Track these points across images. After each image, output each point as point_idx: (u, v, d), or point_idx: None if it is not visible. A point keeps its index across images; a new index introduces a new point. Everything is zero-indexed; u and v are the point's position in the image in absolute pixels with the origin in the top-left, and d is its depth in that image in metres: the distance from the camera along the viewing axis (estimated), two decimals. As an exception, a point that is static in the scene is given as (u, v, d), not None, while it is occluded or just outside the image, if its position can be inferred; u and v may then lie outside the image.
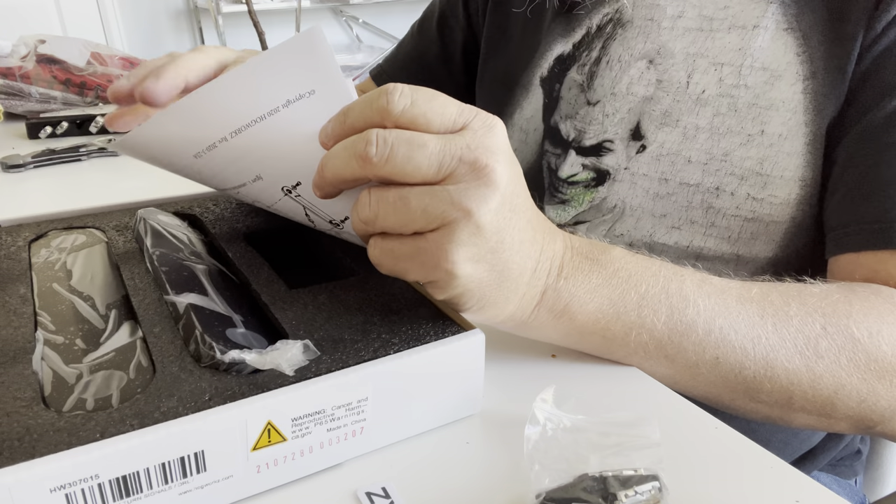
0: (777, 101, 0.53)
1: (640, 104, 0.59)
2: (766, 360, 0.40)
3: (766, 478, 0.35)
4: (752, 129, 0.54)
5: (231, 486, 0.33)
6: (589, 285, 0.40)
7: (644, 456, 0.34)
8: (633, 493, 0.31)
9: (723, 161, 0.55)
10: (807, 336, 0.40)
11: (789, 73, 0.52)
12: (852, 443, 0.66)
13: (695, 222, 0.56)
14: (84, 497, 0.29)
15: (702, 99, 0.56)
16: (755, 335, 0.40)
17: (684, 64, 0.57)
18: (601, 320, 0.40)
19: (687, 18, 0.57)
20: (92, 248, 0.49)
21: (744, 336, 0.40)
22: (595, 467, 0.33)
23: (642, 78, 0.59)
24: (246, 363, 0.34)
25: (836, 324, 0.40)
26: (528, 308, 0.40)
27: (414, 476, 0.35)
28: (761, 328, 0.40)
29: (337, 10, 3.12)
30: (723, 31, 0.55)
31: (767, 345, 0.40)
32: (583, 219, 0.63)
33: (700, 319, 0.40)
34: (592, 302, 0.40)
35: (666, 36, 0.58)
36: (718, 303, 0.40)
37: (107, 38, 2.55)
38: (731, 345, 0.40)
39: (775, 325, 0.40)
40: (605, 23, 0.62)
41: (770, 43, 0.53)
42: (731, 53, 0.55)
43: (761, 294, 0.41)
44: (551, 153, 0.65)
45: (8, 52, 1.15)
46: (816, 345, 0.40)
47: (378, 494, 0.34)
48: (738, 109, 0.54)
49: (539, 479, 0.33)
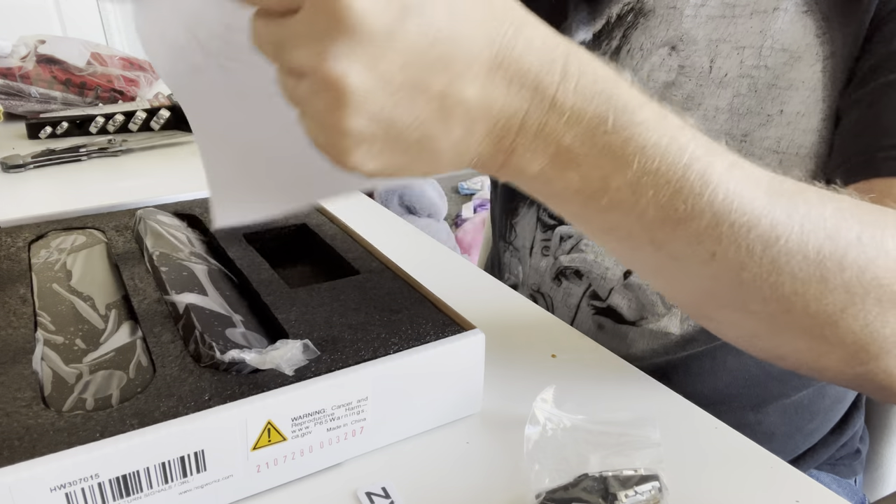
0: (797, 81, 0.53)
1: (662, 90, 0.60)
2: (774, 264, 0.35)
3: (766, 478, 0.35)
4: (772, 110, 0.54)
5: (231, 485, 0.33)
6: (581, 149, 0.32)
7: (644, 456, 0.34)
8: (633, 493, 0.31)
9: (742, 142, 0.55)
10: (836, 244, 0.35)
11: (809, 54, 0.53)
12: (852, 441, 0.66)
13: None
14: (84, 496, 0.29)
15: (724, 82, 0.57)
16: (773, 236, 0.34)
17: (707, 50, 0.58)
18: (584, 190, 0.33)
19: (710, 6, 0.58)
20: (92, 248, 0.49)
21: (757, 236, 0.34)
22: (595, 467, 0.33)
23: (664, 64, 0.60)
24: (246, 363, 0.34)
25: (872, 234, 0.36)
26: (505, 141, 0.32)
27: (414, 476, 0.35)
28: (784, 227, 0.34)
29: (337, 10, 3.12)
30: (745, 17, 0.56)
31: (783, 248, 0.34)
32: None
33: (711, 210, 0.34)
34: (580, 168, 0.33)
35: (689, 24, 0.59)
36: (743, 193, 0.34)
37: (107, 38, 2.54)
38: (735, 243, 0.34)
39: (802, 227, 0.35)
40: (625, 12, 0.63)
41: (789, 25, 0.54)
42: (753, 36, 0.56)
43: (796, 190, 0.36)
44: None
45: (8, 52, 1.15)
46: (844, 256, 0.35)
47: (378, 494, 0.34)
48: (758, 90, 0.55)
49: (539, 478, 0.33)
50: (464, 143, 0.31)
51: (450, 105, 0.30)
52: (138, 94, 1.14)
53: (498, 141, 0.32)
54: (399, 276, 0.45)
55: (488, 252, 0.96)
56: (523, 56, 0.31)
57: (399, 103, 0.29)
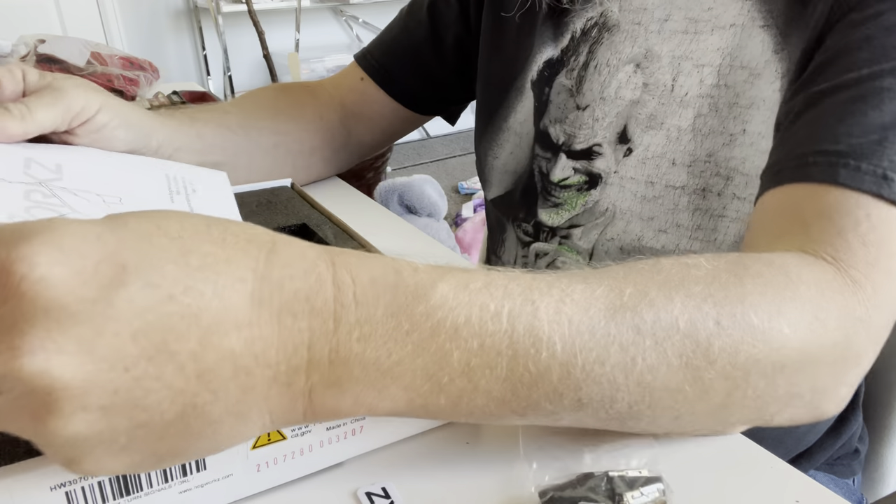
0: (758, 99, 0.53)
1: (628, 108, 0.59)
2: (642, 384, 0.32)
3: (766, 478, 0.35)
4: (735, 129, 0.53)
5: (231, 484, 0.33)
6: (385, 364, 0.28)
7: (640, 455, 0.34)
8: (639, 495, 0.31)
9: (707, 162, 0.55)
10: (696, 340, 0.33)
11: (768, 71, 0.52)
12: (850, 442, 0.66)
13: (681, 225, 0.57)
14: (84, 495, 0.29)
15: (685, 101, 0.56)
16: (629, 359, 0.32)
17: (670, 67, 0.57)
18: (416, 400, 0.29)
19: (673, 21, 0.57)
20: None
21: (613, 365, 0.32)
22: (590, 465, 0.34)
23: (630, 81, 0.59)
24: (246, 362, 0.34)
25: (731, 312, 0.34)
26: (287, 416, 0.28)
27: (414, 476, 0.35)
28: (637, 347, 0.32)
29: (337, 9, 3.12)
30: (706, 33, 0.55)
31: (644, 367, 0.32)
32: (577, 222, 0.63)
33: (555, 363, 0.31)
34: (397, 383, 0.29)
35: (653, 39, 0.58)
36: (582, 328, 0.31)
37: (107, 37, 2.55)
38: (597, 382, 0.32)
39: (655, 337, 0.32)
40: (589, 27, 0.62)
41: (747, 41, 0.53)
42: (711, 54, 0.55)
43: (637, 295, 0.33)
44: (542, 157, 0.65)
45: (8, 51, 1.15)
46: (708, 348, 0.33)
47: (378, 494, 0.34)
48: (720, 109, 0.54)
49: (538, 476, 0.33)
50: (244, 404, 0.26)
51: (211, 365, 0.25)
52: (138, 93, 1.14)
53: (289, 387, 0.27)
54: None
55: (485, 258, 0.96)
56: (285, 281, 0.26)
57: (140, 380, 0.23)
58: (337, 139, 0.75)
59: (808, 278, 0.36)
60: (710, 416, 0.36)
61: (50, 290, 0.22)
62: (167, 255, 0.25)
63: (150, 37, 2.72)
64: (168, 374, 0.24)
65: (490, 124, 0.70)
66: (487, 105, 0.71)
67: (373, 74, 0.76)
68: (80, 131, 0.51)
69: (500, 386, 0.30)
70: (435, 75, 0.76)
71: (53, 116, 0.49)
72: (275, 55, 2.70)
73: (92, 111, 0.51)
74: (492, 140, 0.70)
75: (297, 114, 0.72)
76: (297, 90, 0.75)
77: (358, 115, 0.77)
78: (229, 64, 2.76)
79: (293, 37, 2.95)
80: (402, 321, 0.28)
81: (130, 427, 0.24)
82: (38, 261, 0.22)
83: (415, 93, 0.77)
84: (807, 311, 0.35)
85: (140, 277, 0.24)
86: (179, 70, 2.80)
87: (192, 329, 0.24)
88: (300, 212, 0.56)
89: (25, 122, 0.47)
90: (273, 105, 0.71)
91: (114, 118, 0.53)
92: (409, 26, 0.76)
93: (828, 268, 0.37)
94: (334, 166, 0.77)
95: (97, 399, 0.23)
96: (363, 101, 0.77)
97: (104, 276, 0.23)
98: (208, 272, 0.25)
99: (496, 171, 0.70)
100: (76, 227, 0.24)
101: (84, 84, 0.52)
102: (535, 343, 0.30)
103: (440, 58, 0.75)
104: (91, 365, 0.23)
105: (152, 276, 0.24)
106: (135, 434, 0.24)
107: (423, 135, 3.49)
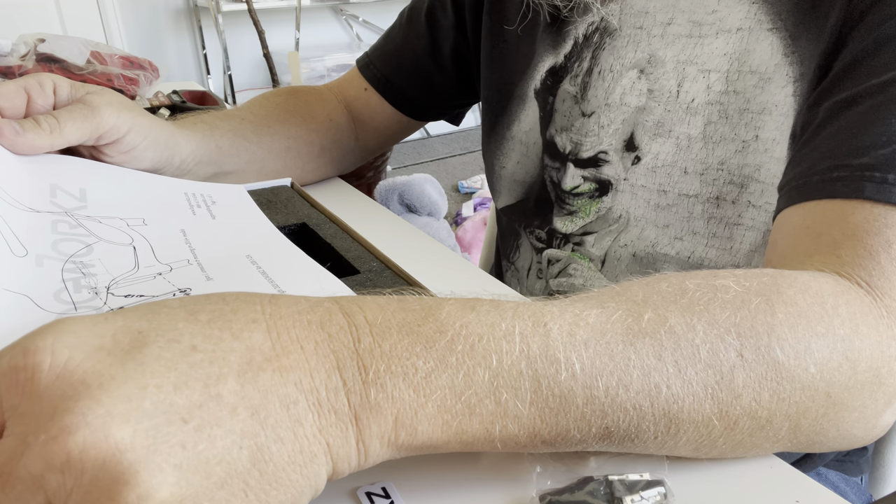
0: (769, 104, 0.51)
1: (634, 115, 0.58)
2: (669, 414, 0.31)
3: (766, 478, 0.35)
4: (747, 136, 0.52)
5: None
6: (414, 380, 0.28)
7: (646, 461, 0.34)
8: (639, 499, 0.31)
9: (719, 170, 0.54)
10: (719, 371, 0.31)
11: (779, 75, 0.51)
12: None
13: (697, 233, 0.56)
14: None
15: (692, 108, 0.55)
16: (652, 385, 0.30)
17: (675, 72, 0.56)
18: (451, 423, 0.29)
19: (677, 25, 0.56)
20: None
21: (637, 391, 0.30)
22: (594, 469, 0.33)
23: (634, 88, 0.58)
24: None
25: (756, 346, 0.32)
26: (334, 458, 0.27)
27: (414, 476, 0.35)
28: (660, 373, 0.31)
29: (337, 8, 3.12)
30: (711, 37, 0.54)
31: (669, 395, 0.31)
32: (590, 229, 0.62)
33: (577, 385, 0.30)
34: (430, 401, 0.28)
35: (656, 44, 0.57)
36: (599, 352, 0.30)
37: (107, 37, 2.55)
38: (622, 408, 0.30)
39: (677, 365, 0.31)
40: (590, 32, 0.61)
41: (755, 45, 0.52)
42: (718, 59, 0.53)
43: (657, 321, 0.32)
44: (551, 167, 0.65)
45: (7, 51, 1.14)
46: (732, 381, 0.32)
47: (378, 494, 0.34)
48: (730, 116, 0.53)
49: (540, 480, 0.33)
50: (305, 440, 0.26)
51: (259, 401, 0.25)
52: (138, 92, 1.14)
53: (336, 413, 0.27)
54: (399, 276, 0.45)
55: (488, 255, 0.96)
56: (295, 315, 0.27)
57: (201, 430, 0.23)
58: (346, 140, 0.76)
59: (844, 311, 0.35)
60: (732, 450, 0.35)
61: (80, 365, 0.22)
62: (177, 316, 0.25)
63: (150, 36, 2.72)
64: (224, 418, 0.24)
65: (493, 133, 0.70)
66: (490, 114, 0.71)
67: (376, 85, 0.77)
68: (109, 150, 0.52)
69: (527, 411, 0.30)
70: (437, 84, 0.77)
71: (82, 133, 0.49)
72: (275, 54, 2.71)
73: (122, 132, 0.52)
74: (497, 149, 0.70)
75: (307, 115, 0.73)
76: (307, 93, 0.76)
77: (362, 122, 0.78)
78: (229, 63, 2.76)
79: (293, 36, 2.95)
80: (416, 339, 0.28)
81: (211, 487, 0.23)
82: (56, 348, 0.23)
83: (417, 102, 0.78)
84: (837, 351, 0.34)
85: (159, 336, 0.24)
86: (179, 69, 2.80)
87: (226, 371, 0.24)
88: (300, 211, 0.56)
89: (53, 136, 0.48)
90: (284, 109, 0.71)
91: (143, 140, 0.53)
92: (409, 36, 0.77)
93: (864, 298, 0.36)
94: (342, 166, 0.78)
95: (166, 457, 0.22)
96: (367, 110, 0.78)
97: (124, 343, 0.24)
98: (219, 322, 0.26)
99: (504, 181, 0.71)
100: (80, 318, 0.24)
101: (117, 102, 0.52)
102: (552, 363, 0.30)
103: (440, 67, 0.76)
104: (147, 421, 0.22)
105: (170, 334, 0.24)
106: (217, 497, 0.23)
107: (424, 134, 3.49)
